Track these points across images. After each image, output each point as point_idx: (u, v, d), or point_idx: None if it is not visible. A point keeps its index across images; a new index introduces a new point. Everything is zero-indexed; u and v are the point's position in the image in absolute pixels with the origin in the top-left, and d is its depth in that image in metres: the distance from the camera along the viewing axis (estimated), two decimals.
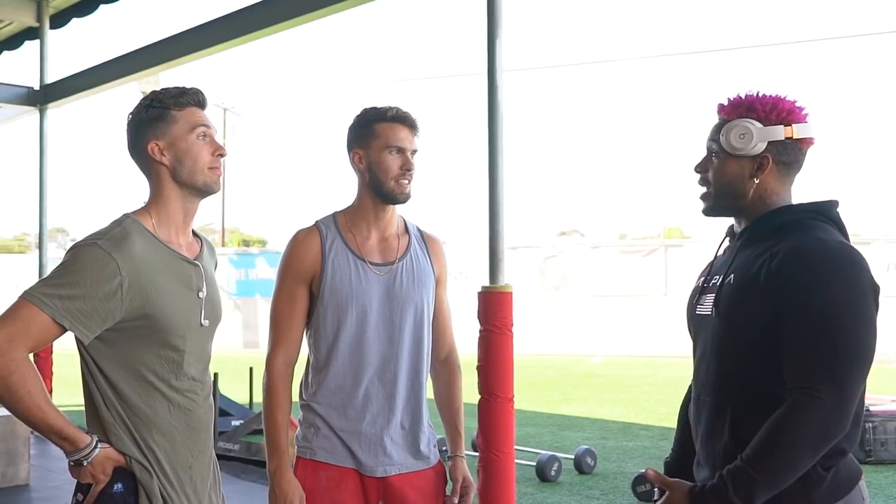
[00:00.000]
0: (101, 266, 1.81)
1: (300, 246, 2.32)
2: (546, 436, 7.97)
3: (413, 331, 2.33)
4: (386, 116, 2.31)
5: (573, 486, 5.85)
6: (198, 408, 1.98)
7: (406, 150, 2.30)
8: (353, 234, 2.34)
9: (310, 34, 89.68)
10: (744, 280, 1.73)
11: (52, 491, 5.67)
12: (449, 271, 2.52)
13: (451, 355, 2.51)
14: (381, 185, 2.30)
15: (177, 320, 1.91)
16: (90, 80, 7.88)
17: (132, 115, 1.96)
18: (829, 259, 1.64)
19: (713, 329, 1.79)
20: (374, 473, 2.29)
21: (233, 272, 20.60)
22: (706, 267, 1.99)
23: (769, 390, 1.67)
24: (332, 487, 2.28)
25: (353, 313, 2.28)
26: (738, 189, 1.80)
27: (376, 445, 2.29)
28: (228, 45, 6.48)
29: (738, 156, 1.78)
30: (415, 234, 2.43)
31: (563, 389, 11.74)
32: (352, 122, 2.37)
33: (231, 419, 7.43)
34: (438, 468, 2.40)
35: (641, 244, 19.41)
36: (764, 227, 1.78)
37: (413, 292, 2.33)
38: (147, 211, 1.96)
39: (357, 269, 2.30)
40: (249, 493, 5.74)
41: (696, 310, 1.88)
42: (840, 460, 1.68)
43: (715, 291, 1.79)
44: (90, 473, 1.85)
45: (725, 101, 1.84)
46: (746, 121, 1.76)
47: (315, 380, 2.35)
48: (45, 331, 1.79)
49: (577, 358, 16.02)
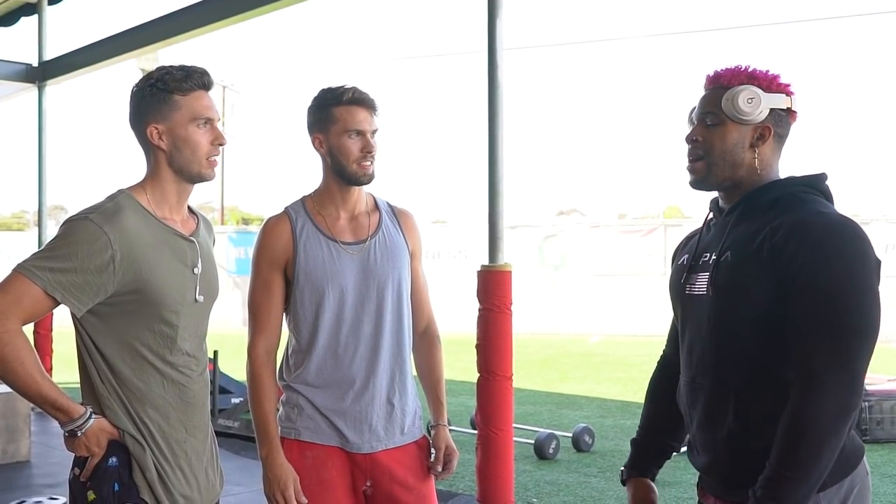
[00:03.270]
0: (93, 239, 1.81)
1: (271, 233, 2.33)
2: (544, 414, 8.01)
3: (392, 306, 2.34)
4: (342, 100, 2.29)
5: (571, 464, 5.89)
6: (192, 383, 1.99)
7: (365, 132, 2.29)
8: (322, 216, 2.35)
9: (309, 11, 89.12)
10: (743, 257, 1.68)
11: (53, 467, 5.70)
12: (423, 245, 2.52)
13: (430, 327, 2.52)
14: (344, 168, 2.30)
15: (170, 295, 1.91)
16: (89, 56, 7.84)
17: (136, 89, 1.95)
18: (834, 233, 1.60)
19: (709, 309, 1.73)
20: (361, 450, 2.30)
21: (232, 250, 20.61)
22: (685, 243, 1.95)
23: (775, 369, 1.64)
24: (318, 466, 2.29)
25: (331, 294, 2.29)
26: (737, 158, 1.74)
27: (362, 423, 2.30)
28: (228, 22, 6.44)
29: (742, 122, 1.72)
30: (385, 209, 2.43)
31: (562, 368, 11.78)
32: (310, 104, 2.36)
33: (231, 396, 7.46)
34: (422, 442, 2.42)
35: (641, 224, 19.40)
36: (758, 201, 1.73)
37: (388, 267, 2.34)
38: (142, 187, 1.96)
39: (330, 249, 2.31)
40: (249, 469, 5.78)
41: (684, 290, 1.82)
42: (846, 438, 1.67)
43: (709, 270, 1.74)
44: (84, 445, 1.87)
45: (712, 73, 1.79)
46: (752, 86, 1.72)
47: (297, 361, 2.36)
48: (38, 303, 1.80)
49: (576, 337, 16.07)
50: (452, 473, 2.48)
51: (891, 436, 6.33)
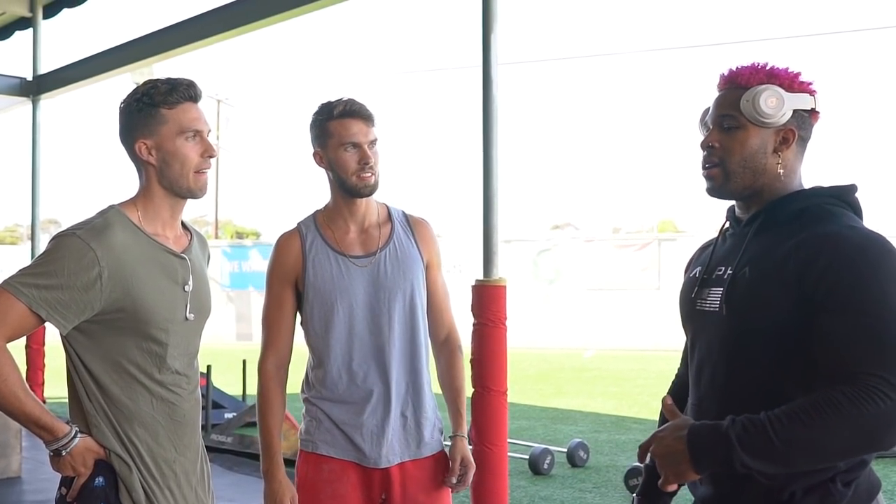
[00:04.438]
0: (80, 256, 1.79)
1: (281, 249, 2.35)
2: (539, 429, 7.99)
3: (404, 318, 2.32)
4: (334, 114, 2.29)
5: (566, 479, 5.87)
6: (182, 401, 1.96)
7: (361, 143, 2.28)
8: (331, 230, 2.35)
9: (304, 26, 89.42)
10: (762, 272, 1.52)
11: (44, 483, 5.65)
12: (440, 252, 2.50)
13: (450, 336, 2.48)
14: (344, 181, 2.29)
15: (159, 313, 1.89)
16: (83, 70, 7.85)
17: (123, 104, 1.94)
18: (867, 249, 1.45)
19: (721, 328, 1.57)
20: (377, 464, 2.29)
21: (226, 264, 20.58)
22: (699, 253, 1.79)
23: (788, 395, 1.45)
24: (333, 480, 2.29)
25: (340, 309, 2.29)
26: (759, 164, 1.58)
27: (378, 436, 2.29)
28: (222, 36, 6.46)
29: (764, 125, 1.57)
30: (399, 219, 2.41)
31: (557, 383, 11.77)
32: (309, 120, 2.37)
33: (224, 412, 7.43)
34: (440, 456, 2.40)
35: (635, 238, 19.45)
36: (782, 212, 1.57)
37: (399, 279, 2.32)
38: (134, 203, 1.94)
39: (338, 264, 2.31)
40: (242, 485, 5.74)
41: (695, 305, 1.66)
42: (861, 472, 1.50)
43: (724, 285, 1.57)
44: (70, 465, 1.84)
45: (727, 71, 1.64)
46: (774, 86, 1.56)
47: (313, 375, 2.36)
48: (22, 320, 1.78)
49: (571, 351, 16.06)
50: (467, 486, 2.46)
51: (889, 451, 6.31)
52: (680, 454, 1.43)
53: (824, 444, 1.37)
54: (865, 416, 1.35)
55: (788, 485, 1.46)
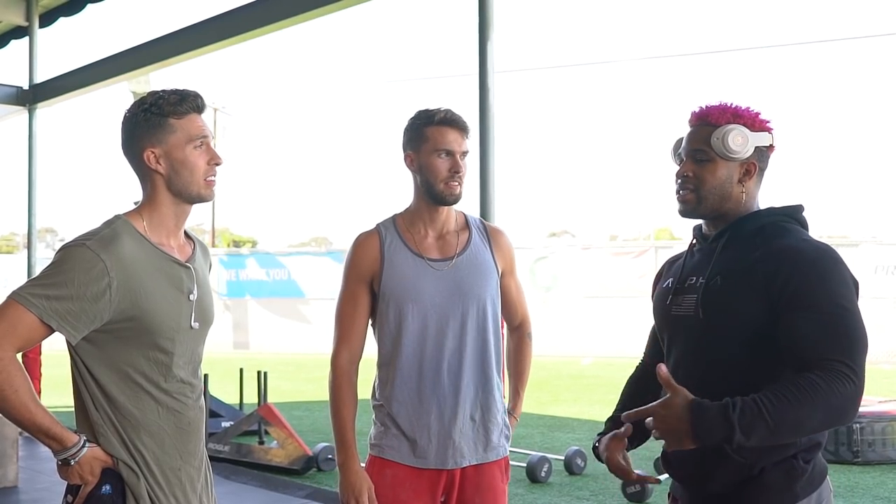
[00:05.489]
0: (90, 267, 1.80)
1: (360, 248, 2.41)
2: (536, 437, 7.98)
3: (477, 323, 2.38)
4: (434, 120, 2.35)
5: (563, 487, 5.86)
6: (188, 410, 1.98)
7: (455, 152, 2.34)
8: (410, 233, 2.41)
9: (301, 34, 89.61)
10: (733, 280, 1.75)
11: (41, 493, 5.64)
12: (515, 258, 2.57)
13: (523, 324, 2.63)
14: (431, 187, 2.35)
15: (165, 322, 1.90)
16: (80, 79, 7.86)
17: (128, 114, 1.95)
18: (822, 258, 1.70)
19: (696, 330, 1.79)
20: (444, 466, 2.35)
21: (223, 273, 20.54)
22: (668, 267, 2.03)
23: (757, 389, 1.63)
24: (395, 486, 2.35)
25: (414, 309, 2.35)
26: (726, 192, 1.83)
27: (445, 439, 2.34)
28: (219, 45, 6.47)
29: (731, 159, 1.81)
30: (476, 227, 2.49)
31: (554, 390, 11.76)
32: (406, 124, 2.43)
33: (221, 420, 7.41)
34: (503, 463, 2.46)
35: (632, 245, 19.45)
36: (744, 229, 1.82)
37: (474, 285, 2.38)
38: (139, 213, 1.95)
39: (416, 265, 2.37)
40: (239, 494, 5.73)
41: (670, 311, 1.88)
42: (817, 454, 1.76)
43: (697, 292, 1.81)
44: (78, 474, 1.85)
45: (698, 109, 1.87)
46: (740, 126, 1.81)
47: (383, 377, 2.41)
48: (33, 331, 1.79)
49: (568, 359, 16.05)
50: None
51: (882, 457, 6.32)
52: (683, 432, 1.60)
53: (805, 421, 1.58)
54: (836, 396, 1.57)
55: (759, 461, 1.71)
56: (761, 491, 1.71)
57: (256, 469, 6.40)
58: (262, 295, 20.19)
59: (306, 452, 6.24)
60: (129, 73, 7.45)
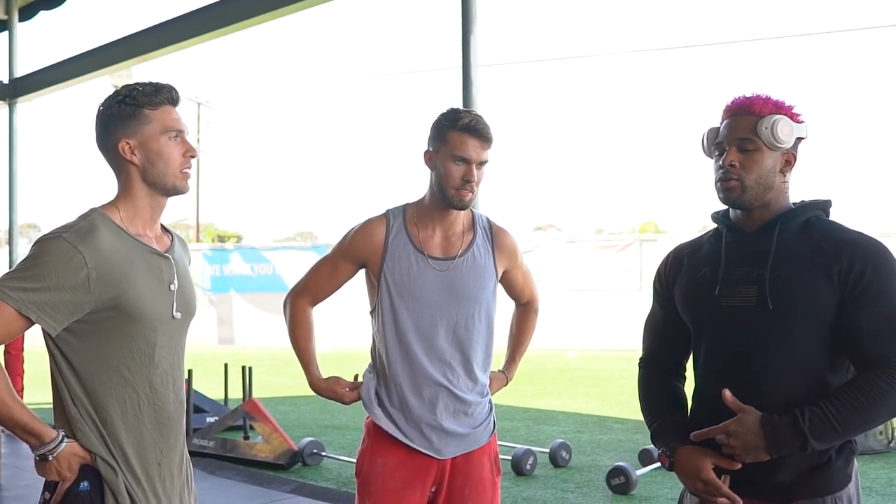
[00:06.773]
0: (67, 258, 1.80)
1: (365, 231, 2.46)
2: (522, 430, 8.01)
3: (469, 324, 2.42)
4: (457, 125, 2.36)
5: (548, 480, 5.88)
6: (168, 403, 1.97)
7: (471, 160, 2.35)
8: (417, 228, 2.45)
9: (284, 28, 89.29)
10: (802, 272, 1.79)
11: (24, 490, 5.61)
12: (519, 252, 2.63)
13: (531, 301, 2.73)
14: (443, 190, 2.38)
15: (147, 312, 1.90)
16: (61, 73, 7.80)
17: (102, 107, 1.94)
18: (888, 254, 1.80)
19: (760, 321, 1.81)
20: (439, 455, 2.41)
21: (207, 268, 20.47)
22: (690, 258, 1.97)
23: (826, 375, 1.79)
24: (400, 466, 2.40)
25: (409, 301, 2.39)
26: (769, 182, 1.85)
27: (436, 429, 2.40)
28: (202, 38, 6.44)
29: (777, 149, 1.84)
30: (482, 226, 2.52)
31: (539, 384, 11.79)
32: (435, 118, 2.44)
33: (206, 416, 7.39)
34: (492, 454, 2.51)
35: (617, 239, 19.51)
36: (793, 222, 1.86)
37: (470, 287, 2.43)
38: (115, 205, 1.95)
39: (416, 260, 2.41)
40: (225, 489, 5.72)
41: (719, 302, 1.87)
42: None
43: (757, 283, 1.82)
44: (56, 470, 1.84)
45: (738, 98, 1.88)
46: (785, 117, 1.84)
47: (381, 356, 2.45)
48: (11, 323, 1.78)
49: (553, 352, 16.09)
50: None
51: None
52: (760, 447, 1.75)
53: (871, 422, 1.74)
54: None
55: (828, 450, 1.80)
56: (831, 475, 1.80)
57: (241, 464, 6.38)
58: (247, 290, 20.13)
59: (291, 447, 6.23)
60: (110, 66, 7.39)
